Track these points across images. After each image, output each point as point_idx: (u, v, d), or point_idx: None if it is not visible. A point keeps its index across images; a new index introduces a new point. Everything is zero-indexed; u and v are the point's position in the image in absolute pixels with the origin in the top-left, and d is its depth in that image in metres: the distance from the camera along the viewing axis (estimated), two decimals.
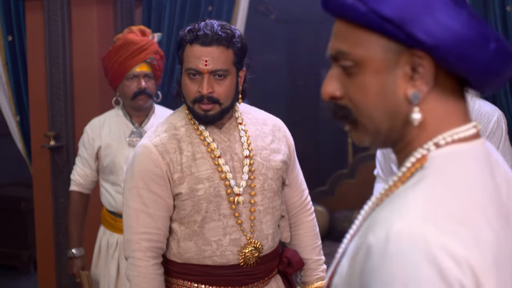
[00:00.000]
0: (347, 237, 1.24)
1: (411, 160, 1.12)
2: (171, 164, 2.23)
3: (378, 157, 3.22)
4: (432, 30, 1.06)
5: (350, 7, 1.10)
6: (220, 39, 2.16)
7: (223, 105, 2.23)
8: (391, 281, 0.98)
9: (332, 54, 1.17)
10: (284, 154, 2.38)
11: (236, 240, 2.27)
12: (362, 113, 1.15)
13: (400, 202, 1.05)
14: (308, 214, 2.51)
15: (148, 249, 2.24)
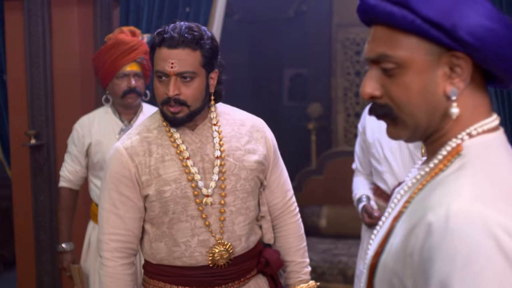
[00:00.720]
0: (382, 219, 1.40)
1: (446, 149, 1.29)
2: (139, 167, 2.29)
3: (357, 152, 3.45)
4: (478, 33, 1.21)
5: (399, 15, 1.25)
6: (186, 41, 2.21)
7: (191, 107, 2.27)
8: (453, 255, 1.11)
9: (372, 57, 1.32)
10: (260, 155, 2.40)
11: (205, 241, 2.30)
12: (404, 110, 1.29)
13: (451, 185, 1.21)
14: (291, 215, 2.53)
15: (116, 249, 2.32)
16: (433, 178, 1.28)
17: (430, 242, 1.15)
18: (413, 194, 1.31)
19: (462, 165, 1.24)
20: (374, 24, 1.32)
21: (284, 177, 2.52)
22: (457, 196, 1.16)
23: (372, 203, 3.26)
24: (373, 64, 1.33)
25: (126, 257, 2.35)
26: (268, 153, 2.43)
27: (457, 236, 1.12)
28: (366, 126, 3.33)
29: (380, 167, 3.23)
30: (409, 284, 1.20)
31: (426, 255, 1.16)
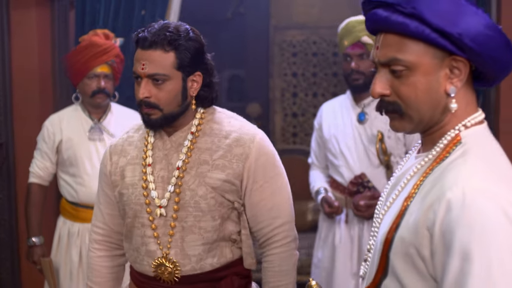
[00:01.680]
0: (390, 201, 1.64)
1: (446, 138, 1.56)
2: (113, 166, 2.34)
3: (314, 147, 3.78)
4: (479, 40, 1.48)
5: (411, 26, 1.50)
6: (157, 42, 2.15)
7: (164, 111, 2.20)
8: (471, 225, 1.37)
9: (383, 61, 1.56)
10: (230, 174, 2.22)
11: (151, 252, 2.25)
12: (411, 106, 1.55)
13: (461, 168, 1.47)
14: (274, 246, 2.30)
15: (96, 241, 2.42)
16: (439, 163, 1.54)
17: (449, 216, 1.41)
18: (422, 177, 1.55)
19: (464, 152, 1.52)
20: (383, 32, 1.59)
21: (274, 202, 2.27)
22: (469, 177, 1.44)
23: (329, 194, 3.59)
24: (382, 67, 1.58)
25: (105, 249, 2.41)
26: (246, 173, 2.23)
27: (473, 209, 1.39)
28: (322, 123, 3.67)
29: (337, 161, 3.57)
30: (426, 253, 1.47)
31: (446, 227, 1.41)
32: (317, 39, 6.49)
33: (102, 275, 2.43)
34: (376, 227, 1.72)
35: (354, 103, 3.58)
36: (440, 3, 1.49)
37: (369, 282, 1.65)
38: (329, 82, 6.53)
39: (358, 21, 3.50)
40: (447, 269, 1.41)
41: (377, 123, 3.48)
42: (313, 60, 6.51)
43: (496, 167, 1.50)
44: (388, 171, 3.48)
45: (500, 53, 1.52)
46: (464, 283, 1.38)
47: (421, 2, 1.50)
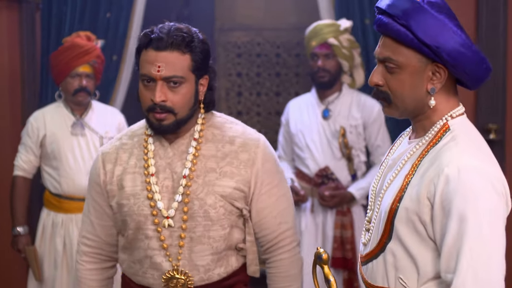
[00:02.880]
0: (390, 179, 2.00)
1: (437, 126, 1.94)
2: (108, 175, 2.27)
3: (281, 141, 4.19)
4: (453, 55, 1.86)
5: (403, 34, 1.89)
6: (175, 43, 2.11)
7: (178, 115, 2.16)
8: (466, 194, 1.77)
9: (381, 58, 1.95)
10: (239, 180, 2.22)
11: (158, 265, 2.22)
12: (397, 97, 1.95)
13: (454, 150, 1.85)
14: (280, 252, 2.33)
15: (85, 253, 2.36)
16: (433, 146, 1.92)
17: (448, 188, 1.81)
18: (420, 158, 1.94)
19: (454, 137, 1.91)
20: (385, 35, 1.96)
21: (279, 207, 2.31)
22: (462, 156, 1.84)
23: (296, 184, 4.00)
24: (380, 62, 1.97)
25: (95, 262, 2.37)
26: (253, 179, 2.24)
27: (467, 182, 1.79)
28: (289, 119, 4.09)
29: (303, 154, 4.00)
30: (427, 219, 1.85)
31: (445, 197, 1.81)
32: (260, 40, 6.87)
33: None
34: (372, 202, 2.12)
35: (319, 101, 4.02)
36: (427, 21, 1.88)
37: (374, 246, 2.02)
38: (272, 82, 6.92)
39: (325, 25, 3.95)
40: (448, 229, 1.81)
41: (340, 119, 3.94)
42: (257, 60, 6.89)
43: (480, 148, 1.93)
44: (350, 163, 3.94)
45: (471, 68, 1.92)
46: (461, 239, 1.79)
47: (413, 18, 1.89)
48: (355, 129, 3.92)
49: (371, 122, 3.95)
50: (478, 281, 1.77)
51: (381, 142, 3.98)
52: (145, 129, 2.29)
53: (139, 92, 2.20)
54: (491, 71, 2.00)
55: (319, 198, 3.93)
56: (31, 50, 4.55)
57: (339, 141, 3.92)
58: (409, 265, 1.94)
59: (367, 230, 2.12)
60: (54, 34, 4.56)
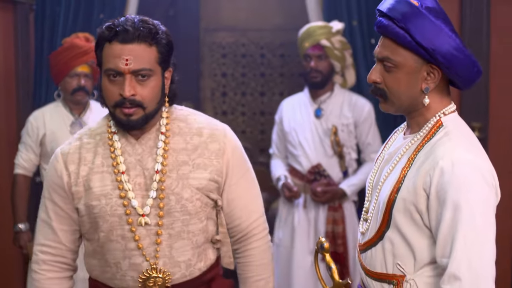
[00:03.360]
0: (387, 171, 2.15)
1: (431, 123, 2.08)
2: (72, 176, 2.17)
3: (275, 139, 4.36)
4: (447, 57, 2.00)
5: (401, 36, 2.02)
6: (142, 35, 2.06)
7: (147, 109, 2.11)
8: (460, 185, 1.92)
9: (380, 57, 2.08)
10: (213, 171, 2.20)
11: (136, 265, 2.17)
12: (394, 95, 2.08)
13: (447, 144, 2.00)
14: (252, 240, 2.32)
15: (45, 262, 2.24)
16: (427, 141, 2.07)
17: (443, 179, 1.95)
18: (415, 152, 2.08)
19: (447, 132, 2.06)
20: (384, 36, 2.08)
21: (250, 196, 2.31)
22: (455, 150, 1.99)
23: (289, 181, 4.17)
24: (379, 61, 2.11)
25: (56, 271, 2.26)
26: (224, 168, 2.23)
27: (461, 174, 1.94)
28: (283, 117, 4.26)
29: (296, 151, 4.16)
30: (423, 208, 2.00)
31: (440, 187, 1.95)
32: (245, 41, 7.04)
33: None
34: (369, 194, 2.27)
35: (311, 100, 4.19)
36: (424, 25, 2.02)
37: (373, 235, 2.17)
38: (257, 82, 7.09)
39: (318, 26, 4.12)
40: (443, 218, 1.96)
41: (332, 118, 4.12)
42: (242, 61, 7.05)
43: (471, 143, 2.08)
44: (341, 160, 4.12)
45: (463, 70, 2.07)
46: (456, 226, 1.94)
47: (411, 22, 2.02)
48: (346, 127, 4.09)
49: (362, 121, 4.13)
50: (472, 264, 1.93)
51: (371, 140, 4.16)
52: (107, 127, 2.22)
53: (103, 88, 2.12)
54: (482, 74, 2.15)
55: (312, 194, 4.10)
56: (25, 51, 4.64)
57: (331, 139, 4.08)
58: (406, 252, 2.10)
59: (365, 220, 2.27)
60: (48, 35, 4.67)
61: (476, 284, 1.92)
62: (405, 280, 2.10)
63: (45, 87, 4.62)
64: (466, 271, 1.93)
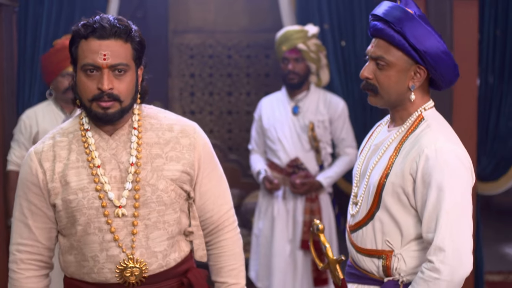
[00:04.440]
0: (376, 159, 2.44)
1: (413, 117, 2.40)
2: (47, 173, 2.24)
3: (254, 136, 4.69)
4: (436, 59, 2.31)
5: (396, 38, 2.32)
6: (119, 31, 2.16)
7: (123, 103, 2.20)
8: (443, 170, 2.23)
9: (374, 56, 2.37)
10: (185, 164, 2.30)
11: (114, 257, 2.22)
12: (384, 90, 2.39)
13: (430, 135, 2.31)
14: (224, 232, 2.44)
15: (23, 261, 2.29)
16: (411, 133, 2.39)
17: (427, 165, 2.28)
18: (401, 142, 2.39)
19: (428, 125, 2.38)
20: (377, 37, 2.38)
21: (220, 189, 2.43)
22: (437, 140, 2.32)
23: (269, 174, 4.50)
24: (372, 59, 2.40)
25: (34, 269, 2.32)
26: (196, 162, 2.33)
27: (443, 160, 2.27)
28: (262, 115, 4.60)
29: (275, 146, 4.51)
30: (410, 190, 2.31)
31: (425, 171, 2.27)
32: (212, 42, 7.31)
33: None
34: (358, 180, 2.56)
35: (289, 99, 4.55)
36: (417, 29, 2.32)
37: (363, 215, 2.46)
38: (224, 82, 7.37)
39: (295, 31, 4.47)
40: (428, 197, 2.27)
41: (308, 115, 4.48)
42: (209, 62, 7.31)
43: (450, 133, 2.41)
44: (318, 154, 4.48)
45: (447, 71, 2.38)
46: (440, 205, 2.26)
47: (406, 25, 2.33)
48: (322, 123, 4.46)
49: (336, 118, 4.50)
50: (454, 237, 2.25)
51: (345, 136, 4.55)
52: (80, 125, 2.30)
53: (79, 84, 2.20)
54: (459, 77, 2.48)
55: (291, 186, 4.44)
56: (9, 51, 4.82)
57: (308, 135, 4.44)
58: (394, 229, 2.40)
59: (355, 204, 2.56)
60: (31, 36, 4.88)
61: (458, 254, 2.24)
62: (393, 254, 2.40)
63: (28, 86, 4.84)
64: (450, 243, 2.24)
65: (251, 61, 7.32)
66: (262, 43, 7.17)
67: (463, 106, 4.64)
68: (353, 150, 4.58)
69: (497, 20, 4.93)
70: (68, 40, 4.12)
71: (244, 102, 7.34)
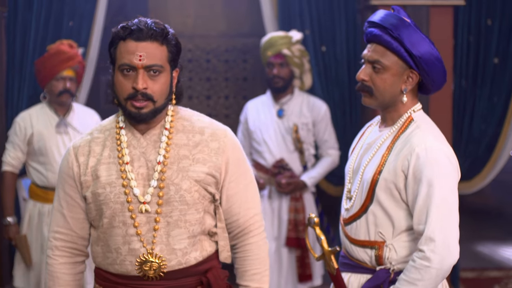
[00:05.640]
0: (369, 157, 2.60)
1: (403, 118, 2.56)
2: (82, 167, 2.36)
3: (240, 138, 4.89)
4: (429, 64, 2.48)
5: (394, 45, 2.48)
6: (155, 34, 2.26)
7: (156, 104, 2.29)
8: (433, 167, 2.39)
9: (370, 60, 2.53)
10: (211, 166, 2.36)
11: (135, 250, 2.31)
12: (379, 92, 2.54)
13: (420, 135, 2.48)
14: (250, 236, 2.47)
15: (58, 248, 2.43)
16: (402, 133, 2.56)
17: (418, 162, 2.44)
18: (393, 141, 2.56)
19: (418, 126, 2.55)
20: (374, 43, 2.54)
21: (247, 194, 2.46)
22: (427, 139, 2.49)
23: (255, 174, 4.69)
24: (368, 63, 2.55)
25: (68, 256, 2.44)
26: (223, 166, 2.39)
27: (433, 158, 2.44)
28: (248, 118, 4.82)
29: (261, 148, 4.73)
30: (401, 186, 2.48)
31: (417, 168, 2.44)
32: (192, 47, 7.46)
33: (65, 283, 2.46)
34: (351, 177, 2.72)
35: (273, 102, 4.78)
36: (413, 35, 2.50)
37: (357, 209, 2.61)
38: (203, 86, 7.53)
39: (279, 36, 4.69)
40: (419, 192, 2.44)
41: (292, 118, 4.71)
42: (188, 66, 7.46)
43: (437, 133, 2.58)
44: (301, 155, 4.71)
45: (437, 76, 2.56)
46: (430, 199, 2.43)
47: (403, 32, 2.50)
48: (306, 126, 4.69)
49: (319, 120, 4.73)
50: (443, 228, 2.43)
51: (328, 137, 4.79)
52: (116, 123, 2.41)
53: (116, 82, 2.30)
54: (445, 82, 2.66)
55: (276, 186, 4.67)
56: None
57: (292, 137, 4.67)
58: (386, 222, 2.57)
59: (349, 199, 2.71)
60: (19, 41, 5.02)
61: (446, 244, 2.43)
62: (385, 245, 2.57)
63: (17, 90, 4.99)
64: (439, 234, 2.41)
65: (230, 66, 7.48)
66: (240, 47, 7.36)
67: (439, 110, 4.84)
68: (335, 151, 4.82)
69: (470, 27, 5.22)
70: (63, 46, 4.37)
71: (223, 105, 7.51)
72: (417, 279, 2.44)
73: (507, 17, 5.26)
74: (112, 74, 2.34)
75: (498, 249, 7.26)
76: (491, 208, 8.59)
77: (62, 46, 4.36)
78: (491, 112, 5.32)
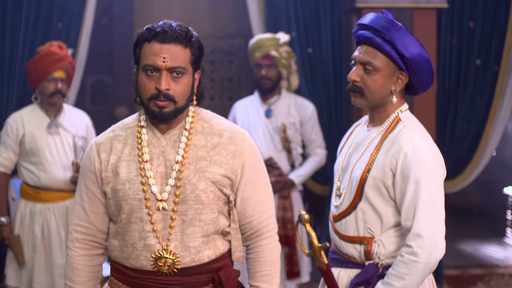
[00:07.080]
0: (358, 156, 2.69)
1: (391, 118, 2.66)
2: (103, 163, 2.44)
3: None
4: (419, 66, 2.58)
5: (386, 47, 2.56)
6: (179, 37, 2.32)
7: (178, 104, 2.35)
8: (420, 165, 2.48)
9: (362, 61, 2.61)
10: (228, 168, 2.41)
11: (150, 246, 2.37)
12: (370, 92, 2.63)
13: (407, 134, 2.57)
14: (262, 238, 2.53)
15: (78, 240, 2.52)
16: (390, 133, 2.65)
17: (406, 161, 2.54)
18: (381, 140, 2.65)
19: (404, 126, 2.65)
20: (365, 45, 2.62)
21: (262, 197, 2.52)
22: (414, 139, 2.58)
23: None
24: (360, 64, 2.64)
25: (88, 248, 2.53)
26: (239, 169, 2.44)
27: (420, 157, 2.53)
28: (236, 118, 4.91)
29: None
30: (389, 184, 2.57)
31: (404, 167, 2.53)
32: None
33: (83, 274, 2.54)
34: (339, 175, 2.81)
35: (261, 102, 4.88)
36: (403, 37, 2.59)
37: (347, 206, 2.70)
38: None
39: (267, 38, 4.80)
40: (407, 190, 2.53)
41: (280, 118, 4.81)
42: None
43: (423, 133, 2.68)
44: (289, 154, 4.81)
45: (426, 78, 2.66)
46: (417, 196, 2.52)
47: (395, 34, 2.58)
48: (293, 125, 4.79)
49: (307, 120, 4.84)
50: (430, 224, 2.52)
51: (315, 137, 4.89)
52: (138, 121, 2.47)
53: (140, 82, 2.37)
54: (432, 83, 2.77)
55: None
56: None
57: (280, 136, 4.77)
58: (375, 218, 2.65)
59: (338, 196, 2.79)
60: (9, 41, 5.11)
61: (433, 240, 2.52)
62: (373, 240, 2.66)
63: (6, 90, 5.09)
64: (427, 230, 2.50)
65: (215, 67, 7.56)
66: (226, 48, 7.45)
67: (422, 110, 4.96)
68: (322, 151, 4.92)
69: (453, 29, 5.35)
70: (53, 47, 4.44)
71: (209, 106, 7.40)
72: (405, 273, 2.52)
73: (488, 19, 5.42)
74: (136, 74, 2.41)
75: (481, 247, 7.38)
76: (474, 207, 8.74)
77: (52, 48, 4.42)
78: (473, 113, 5.46)
